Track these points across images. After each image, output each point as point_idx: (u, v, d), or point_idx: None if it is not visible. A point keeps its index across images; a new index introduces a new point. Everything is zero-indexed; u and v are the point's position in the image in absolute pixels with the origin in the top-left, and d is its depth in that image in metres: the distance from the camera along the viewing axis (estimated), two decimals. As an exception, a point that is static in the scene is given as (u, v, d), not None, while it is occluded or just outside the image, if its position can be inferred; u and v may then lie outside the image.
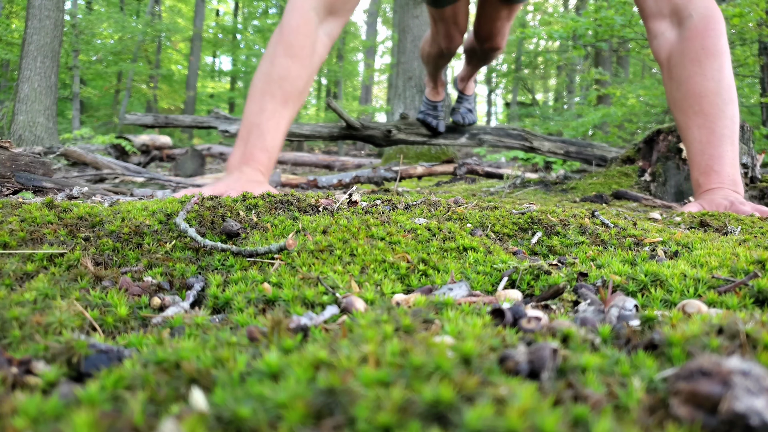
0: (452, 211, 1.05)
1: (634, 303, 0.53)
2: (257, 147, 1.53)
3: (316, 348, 0.37)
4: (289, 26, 1.60)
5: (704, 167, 1.53)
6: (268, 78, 1.57)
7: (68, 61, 13.64)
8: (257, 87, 1.58)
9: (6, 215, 0.82)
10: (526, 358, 0.36)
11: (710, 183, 1.51)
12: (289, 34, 1.59)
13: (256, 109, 1.55)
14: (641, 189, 2.32)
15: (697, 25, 1.53)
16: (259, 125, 1.54)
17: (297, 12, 1.60)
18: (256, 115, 1.55)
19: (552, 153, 3.43)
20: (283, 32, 1.60)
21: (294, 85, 1.58)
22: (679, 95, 1.56)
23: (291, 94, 1.58)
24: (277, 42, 1.60)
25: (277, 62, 1.58)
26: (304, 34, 1.59)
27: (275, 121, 1.56)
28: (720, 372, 0.31)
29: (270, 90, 1.56)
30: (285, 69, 1.57)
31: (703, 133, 1.52)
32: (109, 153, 6.10)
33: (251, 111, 1.56)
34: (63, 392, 0.35)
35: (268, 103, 1.55)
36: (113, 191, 2.04)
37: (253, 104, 1.56)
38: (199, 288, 0.66)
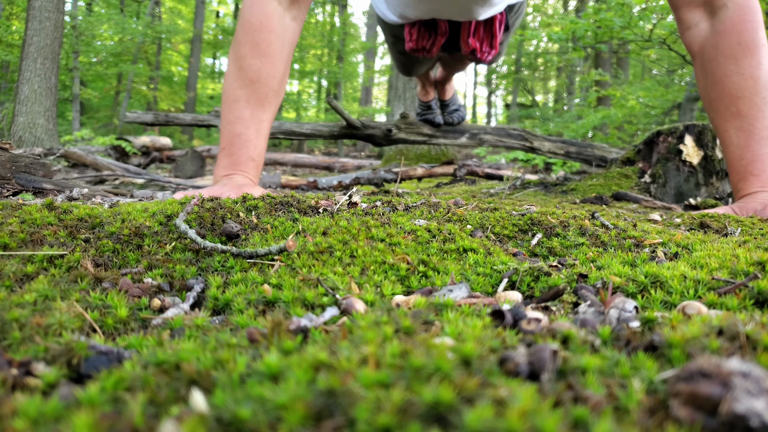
0: (452, 213, 1.05)
1: (634, 304, 0.53)
2: (242, 156, 1.49)
3: (316, 349, 0.37)
4: (251, 24, 1.48)
5: (743, 172, 1.46)
6: (240, 83, 1.49)
7: (68, 62, 13.66)
8: (230, 93, 1.50)
9: (6, 217, 0.82)
10: (526, 359, 0.36)
11: (749, 188, 1.45)
12: (253, 33, 1.48)
13: (233, 117, 1.49)
14: (641, 190, 2.32)
15: (733, 16, 1.43)
16: (240, 134, 1.48)
17: (257, 6, 1.48)
18: (234, 124, 1.48)
19: (552, 153, 3.43)
20: (246, 31, 1.49)
21: (268, 85, 1.50)
22: (714, 95, 1.48)
23: (267, 95, 1.51)
24: (241, 43, 1.49)
25: (245, 65, 1.48)
26: (269, 29, 1.48)
27: (255, 128, 1.50)
28: (720, 373, 0.31)
29: (244, 95, 1.49)
30: (255, 71, 1.48)
31: (741, 136, 1.45)
32: (110, 154, 6.11)
33: (229, 120, 1.49)
34: (63, 393, 0.35)
35: (245, 109, 1.49)
36: (113, 192, 2.04)
37: (230, 113, 1.49)
38: (199, 289, 0.66)
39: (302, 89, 24.74)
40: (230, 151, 1.49)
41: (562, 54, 15.63)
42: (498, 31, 2.37)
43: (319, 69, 20.88)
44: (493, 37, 2.38)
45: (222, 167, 1.50)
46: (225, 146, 1.51)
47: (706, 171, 2.31)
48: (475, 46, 2.38)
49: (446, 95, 3.36)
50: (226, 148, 1.50)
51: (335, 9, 21.44)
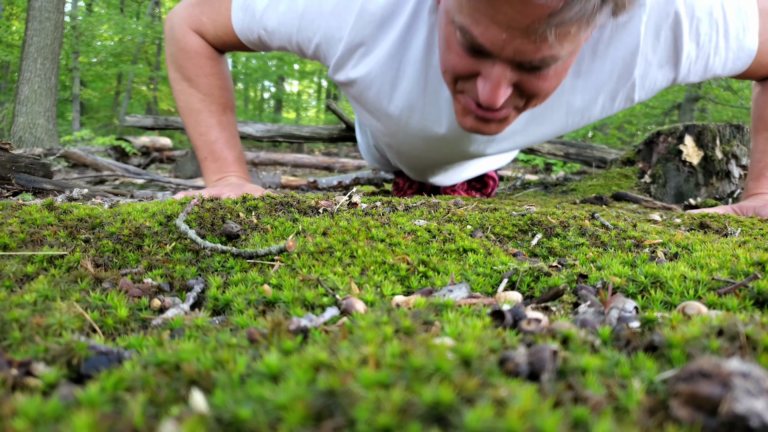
0: (452, 213, 1.05)
1: (634, 305, 0.53)
2: (228, 158, 1.50)
3: (316, 349, 0.37)
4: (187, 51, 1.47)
5: (756, 173, 1.57)
6: (196, 97, 1.50)
7: (68, 62, 13.67)
8: (189, 107, 1.50)
9: (6, 217, 0.82)
10: (526, 359, 0.36)
11: (757, 188, 1.55)
12: (194, 59, 1.48)
13: (203, 128, 1.50)
14: (641, 191, 2.32)
15: None
16: (216, 140, 1.49)
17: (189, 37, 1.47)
18: (207, 133, 1.50)
19: (552, 154, 3.43)
20: (186, 56, 1.48)
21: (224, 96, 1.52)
22: (755, 117, 1.63)
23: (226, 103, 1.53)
24: (184, 66, 1.49)
25: (196, 83, 1.49)
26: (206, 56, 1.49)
27: (228, 131, 1.52)
28: (720, 374, 0.31)
29: (205, 107, 1.50)
30: (208, 86, 1.50)
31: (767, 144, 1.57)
32: (110, 154, 6.11)
33: (199, 131, 1.50)
34: (63, 394, 0.35)
35: (210, 119, 1.50)
36: (113, 193, 2.04)
37: (197, 125, 1.50)
38: (199, 289, 0.66)
39: (302, 89, 24.74)
40: (213, 157, 1.50)
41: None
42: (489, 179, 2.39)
43: (318, 69, 20.88)
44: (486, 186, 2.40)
45: (211, 173, 1.50)
46: (206, 155, 1.51)
47: (706, 171, 2.31)
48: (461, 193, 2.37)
49: None
50: (209, 156, 1.50)
51: (335, 9, 21.40)
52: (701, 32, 1.27)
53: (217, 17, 1.41)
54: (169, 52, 1.53)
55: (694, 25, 1.26)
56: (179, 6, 1.51)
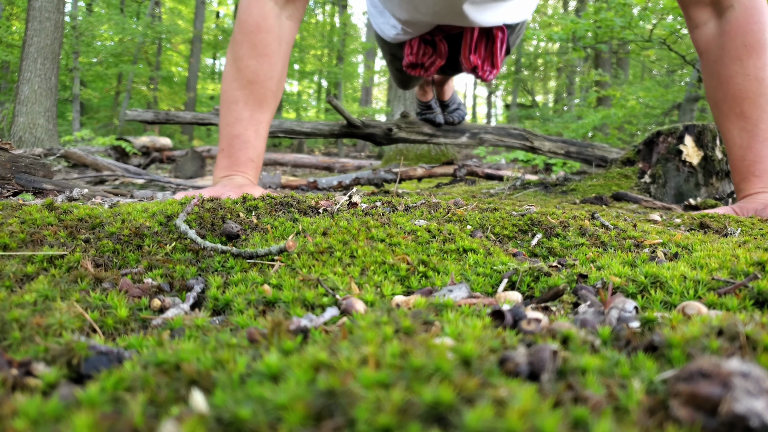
0: (452, 213, 1.05)
1: (634, 305, 0.53)
2: (241, 157, 1.49)
3: (316, 349, 0.37)
4: (248, 24, 1.48)
5: (745, 173, 1.47)
6: (238, 84, 1.49)
7: (68, 62, 13.66)
8: (228, 94, 1.50)
9: (6, 217, 0.82)
10: (526, 359, 0.36)
11: (751, 188, 1.46)
12: (251, 34, 1.48)
13: (233, 119, 1.49)
14: (641, 191, 2.32)
15: (739, 17, 1.42)
16: (239, 136, 1.49)
17: (254, 6, 1.48)
18: (233, 126, 1.49)
19: (552, 153, 3.43)
20: (243, 31, 1.49)
21: (266, 86, 1.51)
22: (719, 95, 1.49)
23: (265, 96, 1.51)
24: (239, 43, 1.49)
25: (243, 65, 1.49)
26: (265, 30, 1.48)
27: (254, 129, 1.50)
28: (720, 374, 0.31)
29: (243, 97, 1.49)
30: (253, 72, 1.49)
31: (744, 136, 1.45)
32: (110, 155, 6.11)
33: (228, 122, 1.50)
34: (63, 394, 0.35)
35: (244, 111, 1.49)
36: (113, 193, 2.04)
37: (229, 114, 1.50)
38: (199, 289, 0.66)
39: (302, 89, 24.73)
40: (229, 152, 1.50)
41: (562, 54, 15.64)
42: (499, 51, 2.37)
43: (319, 69, 20.89)
44: (494, 56, 2.39)
45: (221, 168, 1.50)
46: (224, 147, 1.51)
47: (705, 171, 2.31)
48: (476, 63, 2.37)
49: (445, 95, 3.35)
50: (226, 149, 1.50)
51: (335, 9, 21.44)
52: None
53: None
54: (232, 34, 1.54)
55: None
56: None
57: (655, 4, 6.32)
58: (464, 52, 2.37)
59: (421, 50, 2.43)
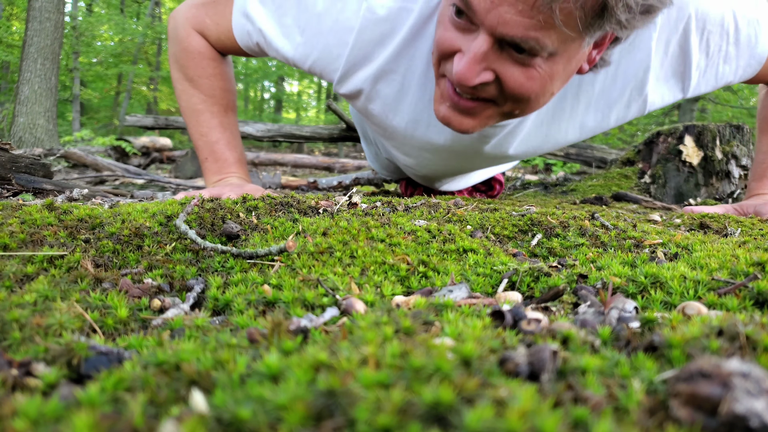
0: (452, 213, 1.05)
1: (634, 305, 0.53)
2: (229, 159, 1.50)
3: (316, 350, 0.37)
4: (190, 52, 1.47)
5: (758, 174, 1.60)
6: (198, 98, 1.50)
7: (68, 63, 13.67)
8: (192, 108, 1.51)
9: (6, 217, 0.82)
10: (526, 359, 0.36)
11: (759, 188, 1.58)
12: (197, 59, 1.48)
13: (205, 129, 1.50)
14: (641, 191, 2.32)
15: None
16: (218, 141, 1.50)
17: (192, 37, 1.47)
18: (209, 134, 1.50)
19: (552, 155, 3.43)
20: (189, 57, 1.48)
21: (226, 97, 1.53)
22: (761, 118, 1.66)
23: (227, 104, 1.53)
24: (187, 66, 1.49)
25: (199, 83, 1.50)
26: (210, 57, 1.49)
27: (229, 132, 1.52)
28: (720, 374, 0.31)
29: (206, 108, 1.50)
30: (210, 88, 1.50)
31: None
32: (110, 155, 6.11)
33: (201, 132, 1.51)
34: (63, 394, 0.35)
35: (212, 119, 1.50)
36: (113, 193, 2.04)
37: (199, 125, 1.51)
38: (199, 290, 0.66)
39: (302, 90, 24.74)
40: (214, 157, 1.50)
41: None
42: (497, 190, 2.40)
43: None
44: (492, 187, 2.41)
45: (212, 174, 1.51)
46: (207, 156, 1.51)
47: (705, 171, 2.31)
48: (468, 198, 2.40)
49: None
50: (209, 157, 1.51)
51: (335, 9, 21.39)
52: (711, 44, 1.28)
53: (220, 20, 1.41)
54: (171, 51, 1.53)
55: (704, 38, 1.27)
56: (183, 5, 1.51)
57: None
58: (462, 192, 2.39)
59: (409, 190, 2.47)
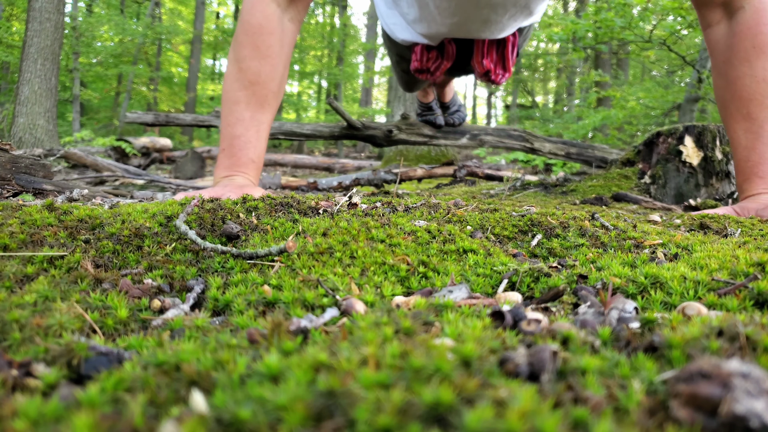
0: (452, 214, 1.05)
1: (634, 305, 0.53)
2: (242, 158, 1.50)
3: (316, 350, 0.37)
4: (251, 25, 1.50)
5: (748, 173, 1.48)
6: (240, 84, 1.50)
7: (68, 63, 13.67)
8: (230, 95, 1.51)
9: (6, 217, 0.82)
10: (526, 360, 0.36)
11: (753, 189, 1.47)
12: (254, 35, 1.49)
13: (234, 119, 1.50)
14: (641, 191, 2.32)
15: (749, 19, 1.42)
16: (240, 136, 1.49)
17: (257, 8, 1.50)
18: (235, 126, 1.50)
19: (553, 154, 3.43)
20: (246, 32, 1.50)
21: (268, 87, 1.52)
22: (727, 96, 1.49)
23: (266, 97, 1.52)
24: (242, 44, 1.50)
25: (245, 66, 1.50)
26: (268, 31, 1.50)
27: (255, 129, 1.51)
28: (720, 374, 0.31)
29: (244, 97, 1.50)
30: (255, 73, 1.50)
31: (749, 138, 1.46)
32: (110, 155, 6.11)
33: (229, 122, 1.50)
34: (63, 394, 0.35)
35: (245, 111, 1.50)
36: (113, 193, 2.04)
37: (230, 114, 1.50)
38: (199, 290, 0.66)
39: (302, 90, 24.74)
40: (230, 152, 1.50)
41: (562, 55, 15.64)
42: (511, 54, 2.36)
43: (319, 70, 20.89)
44: (505, 60, 2.38)
45: (222, 168, 1.51)
46: (225, 147, 1.51)
47: (705, 172, 2.31)
48: (489, 68, 2.36)
49: (446, 97, 3.34)
50: (227, 149, 1.51)
51: (335, 10, 21.44)
52: None
53: None
54: (235, 34, 1.54)
55: None
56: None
57: (655, 5, 6.32)
58: (476, 57, 2.35)
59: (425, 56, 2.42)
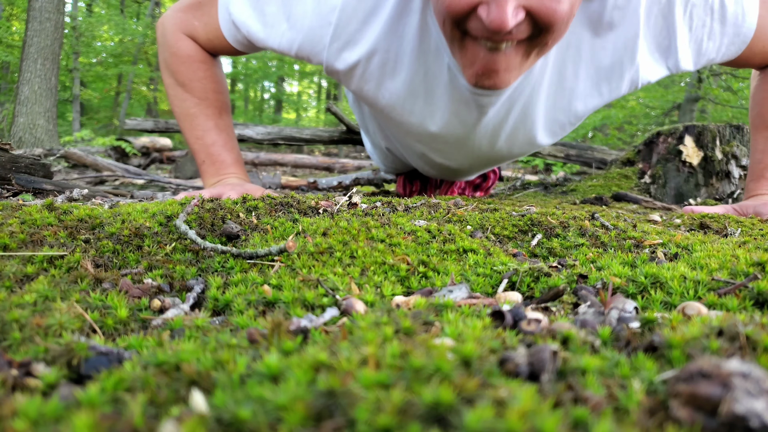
0: (452, 213, 1.05)
1: (634, 305, 0.53)
2: (227, 160, 1.50)
3: (316, 350, 0.37)
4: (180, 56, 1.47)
5: (756, 174, 1.57)
6: (191, 102, 1.50)
7: (68, 63, 13.67)
8: (185, 112, 1.50)
9: (6, 217, 0.82)
10: (526, 360, 0.36)
11: (758, 189, 1.55)
12: (186, 63, 1.47)
13: (200, 132, 1.50)
14: (641, 191, 2.32)
15: None
16: (214, 143, 1.50)
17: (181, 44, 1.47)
18: (204, 137, 1.50)
19: (552, 156, 3.43)
20: (179, 61, 1.48)
21: (218, 98, 1.53)
22: (753, 114, 1.62)
23: (220, 105, 1.53)
24: (178, 71, 1.49)
25: (190, 87, 1.50)
26: (199, 60, 1.49)
27: (225, 134, 1.52)
28: (720, 374, 0.31)
29: (200, 111, 1.50)
30: (202, 90, 1.50)
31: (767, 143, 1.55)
32: (110, 155, 6.11)
33: (196, 135, 1.50)
34: (63, 394, 0.35)
35: (207, 122, 1.50)
36: (113, 193, 2.04)
37: (193, 129, 1.50)
38: (199, 290, 0.66)
39: (302, 90, 24.75)
40: (211, 160, 1.50)
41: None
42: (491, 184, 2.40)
43: (319, 70, 20.86)
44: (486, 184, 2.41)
45: (210, 176, 1.50)
46: (204, 159, 1.51)
47: (705, 172, 2.31)
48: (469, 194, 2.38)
49: None
50: (206, 160, 1.50)
51: (335, 10, 21.40)
52: (695, 17, 1.26)
53: (208, 20, 1.41)
54: (162, 57, 1.53)
55: (688, 10, 1.25)
56: (171, 11, 1.51)
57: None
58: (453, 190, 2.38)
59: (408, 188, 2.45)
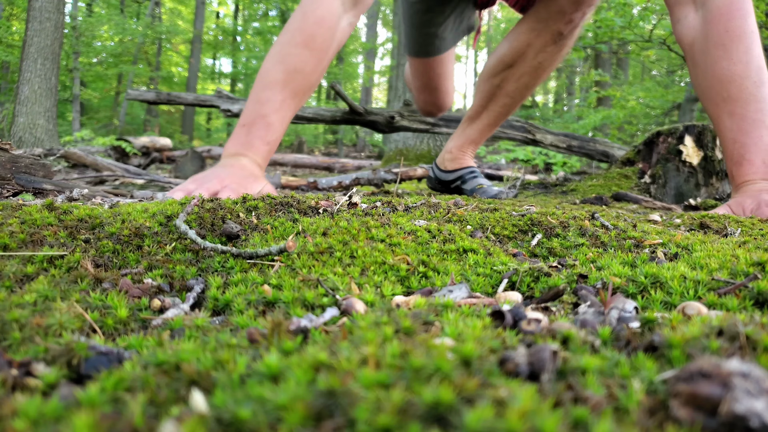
0: (452, 213, 1.05)
1: (634, 305, 0.53)
2: (259, 138, 1.47)
3: (316, 350, 0.37)
4: (314, 15, 1.49)
5: (737, 157, 1.42)
6: (283, 67, 1.48)
7: (68, 63, 13.67)
8: (269, 74, 1.49)
9: (6, 217, 0.82)
10: (526, 359, 0.36)
11: (743, 175, 1.42)
12: (312, 25, 1.48)
13: (265, 98, 1.47)
14: (641, 191, 2.32)
15: (720, 6, 1.41)
16: (265, 116, 1.47)
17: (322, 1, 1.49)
18: (264, 105, 1.47)
19: (554, 146, 3.42)
20: (305, 20, 1.49)
21: (308, 79, 1.51)
22: (705, 83, 1.46)
23: (302, 87, 1.51)
24: (298, 30, 1.49)
25: (294, 52, 1.48)
26: (327, 26, 1.49)
27: (281, 114, 1.49)
28: (720, 374, 0.31)
29: (282, 80, 1.48)
30: (302, 61, 1.48)
31: (734, 120, 1.41)
32: (110, 155, 6.11)
33: (258, 98, 1.48)
34: (63, 394, 0.35)
35: (278, 94, 1.47)
36: (113, 193, 2.04)
37: (262, 92, 1.48)
38: (199, 290, 0.66)
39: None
40: (249, 129, 1.48)
41: (562, 54, 15.61)
42: None
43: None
44: None
45: (236, 143, 1.48)
46: (246, 123, 1.48)
47: (705, 171, 2.31)
48: None
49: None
50: (247, 125, 1.48)
51: (335, 9, 21.39)
52: None
53: None
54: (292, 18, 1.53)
55: None
56: None
57: (655, 4, 6.31)
58: None
59: None
